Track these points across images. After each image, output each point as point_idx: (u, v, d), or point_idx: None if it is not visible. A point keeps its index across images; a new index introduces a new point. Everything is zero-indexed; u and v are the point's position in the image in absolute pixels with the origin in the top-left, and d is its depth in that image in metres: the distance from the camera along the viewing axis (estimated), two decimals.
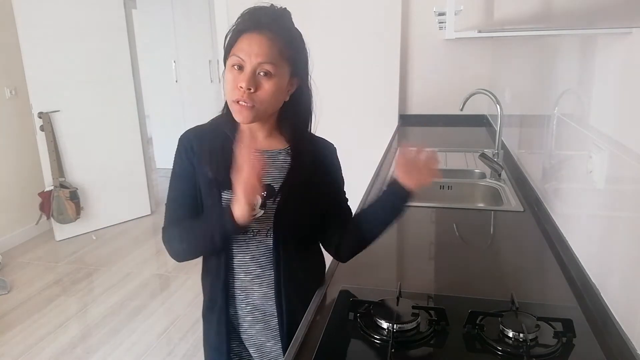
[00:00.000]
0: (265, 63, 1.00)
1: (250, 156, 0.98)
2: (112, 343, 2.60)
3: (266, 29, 1.01)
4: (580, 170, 1.23)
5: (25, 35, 3.56)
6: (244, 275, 1.16)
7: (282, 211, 1.10)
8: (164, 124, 6.14)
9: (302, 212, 1.13)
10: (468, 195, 2.08)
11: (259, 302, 1.17)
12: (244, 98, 1.00)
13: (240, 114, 1.02)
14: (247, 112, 1.02)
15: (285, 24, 1.05)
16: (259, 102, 1.01)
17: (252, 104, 1.01)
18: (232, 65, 1.01)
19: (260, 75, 1.00)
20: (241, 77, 1.00)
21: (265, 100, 1.02)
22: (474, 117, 3.41)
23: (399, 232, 1.66)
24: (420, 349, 0.95)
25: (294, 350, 0.95)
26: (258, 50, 0.99)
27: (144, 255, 3.72)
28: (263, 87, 1.01)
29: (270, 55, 1.00)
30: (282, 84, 1.04)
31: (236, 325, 1.22)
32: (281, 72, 1.02)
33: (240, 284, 1.17)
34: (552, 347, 0.91)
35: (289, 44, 1.04)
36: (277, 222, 1.10)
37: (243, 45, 1.00)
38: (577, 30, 1.16)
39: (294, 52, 1.05)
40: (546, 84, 1.72)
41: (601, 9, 0.98)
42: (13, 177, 3.92)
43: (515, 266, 1.34)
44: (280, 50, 1.01)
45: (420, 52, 3.64)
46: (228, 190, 1.07)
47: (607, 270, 1.05)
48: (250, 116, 1.03)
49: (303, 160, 1.12)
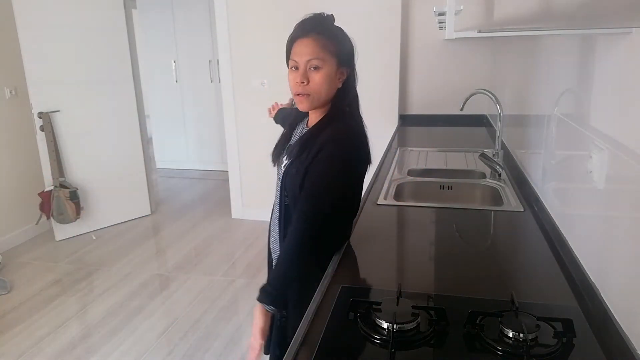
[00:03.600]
0: (313, 59, 1.24)
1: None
2: (112, 343, 2.60)
3: (311, 32, 1.25)
4: (580, 170, 1.23)
5: (25, 35, 3.56)
6: (273, 213, 1.44)
7: (285, 172, 1.33)
8: (164, 124, 6.15)
9: (292, 183, 1.29)
10: (468, 195, 2.08)
11: (275, 246, 1.43)
12: (300, 90, 1.26)
13: (301, 103, 1.30)
14: (305, 101, 1.28)
15: (326, 25, 1.28)
16: (313, 92, 1.26)
17: (307, 94, 1.26)
18: (291, 67, 1.28)
19: (310, 70, 1.25)
20: (297, 74, 1.26)
21: (316, 89, 1.26)
22: (474, 117, 3.41)
23: (399, 232, 1.66)
24: (420, 349, 0.95)
25: (294, 350, 0.95)
26: (305, 51, 1.24)
27: (144, 255, 3.72)
28: (314, 79, 1.26)
29: (315, 52, 1.24)
30: (331, 74, 1.27)
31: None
32: (328, 65, 1.25)
33: (272, 222, 1.44)
34: (552, 347, 0.91)
35: (331, 41, 1.26)
36: (283, 181, 1.34)
37: (295, 50, 1.26)
38: (577, 30, 1.16)
39: (336, 46, 1.26)
40: (546, 84, 1.72)
41: (601, 9, 0.98)
42: (13, 177, 3.92)
43: (515, 266, 1.34)
44: (323, 46, 1.24)
45: (420, 52, 3.64)
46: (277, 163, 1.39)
47: (607, 270, 1.05)
48: (307, 104, 1.29)
49: (307, 138, 1.30)
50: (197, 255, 3.69)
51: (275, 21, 3.77)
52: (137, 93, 4.34)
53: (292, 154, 1.32)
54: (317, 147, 1.24)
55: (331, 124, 1.29)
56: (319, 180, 1.23)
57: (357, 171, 1.33)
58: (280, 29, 1.29)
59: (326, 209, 1.23)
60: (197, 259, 3.63)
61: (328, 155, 1.23)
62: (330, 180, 1.24)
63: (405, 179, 2.11)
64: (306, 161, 1.25)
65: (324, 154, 1.23)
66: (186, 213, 4.64)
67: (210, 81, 5.79)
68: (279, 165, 1.40)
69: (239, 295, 3.06)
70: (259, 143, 4.11)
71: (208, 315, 2.83)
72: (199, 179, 5.81)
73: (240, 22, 3.92)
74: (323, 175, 1.23)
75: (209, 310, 2.88)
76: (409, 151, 2.68)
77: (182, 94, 5.97)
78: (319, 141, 1.26)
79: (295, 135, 1.41)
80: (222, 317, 2.81)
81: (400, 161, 2.46)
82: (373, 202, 1.81)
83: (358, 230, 1.53)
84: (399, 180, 2.08)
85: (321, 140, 1.25)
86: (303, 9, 1.36)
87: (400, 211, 1.78)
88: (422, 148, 2.73)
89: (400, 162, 2.45)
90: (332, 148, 1.24)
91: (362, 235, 1.50)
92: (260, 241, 3.84)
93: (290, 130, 1.43)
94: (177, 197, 5.16)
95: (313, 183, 1.23)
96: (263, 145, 4.28)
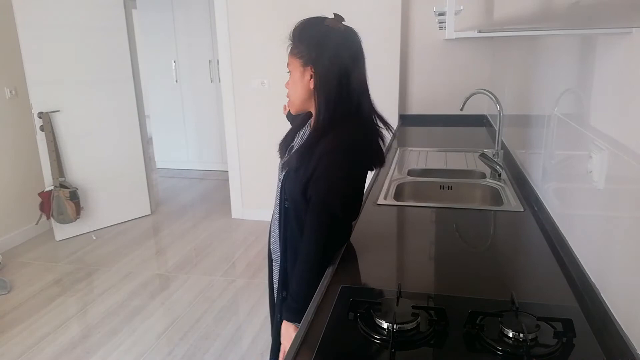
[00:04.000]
0: (288, 64, 1.30)
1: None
2: (112, 343, 2.60)
3: (292, 40, 1.28)
4: (580, 170, 1.23)
5: (25, 35, 3.56)
6: (273, 214, 1.45)
7: (285, 178, 1.34)
8: (164, 124, 6.15)
9: (292, 189, 1.31)
10: (468, 195, 2.08)
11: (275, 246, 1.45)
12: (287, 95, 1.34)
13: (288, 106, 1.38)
14: (289, 105, 1.36)
15: (300, 29, 1.27)
16: (289, 96, 1.34)
17: (288, 97, 1.34)
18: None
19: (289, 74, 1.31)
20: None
21: (290, 93, 1.33)
22: (474, 117, 3.41)
23: (399, 232, 1.66)
24: (420, 349, 0.95)
25: (294, 350, 0.95)
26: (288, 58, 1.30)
27: (144, 255, 3.72)
28: (288, 83, 1.32)
29: (288, 58, 1.29)
30: (296, 77, 1.29)
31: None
32: (293, 68, 1.28)
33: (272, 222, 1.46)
34: (552, 347, 0.91)
35: (295, 44, 1.27)
36: (283, 184, 1.35)
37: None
38: (577, 30, 1.16)
39: (298, 48, 1.26)
40: (546, 84, 1.72)
41: (601, 9, 0.98)
42: (13, 177, 3.92)
43: (515, 266, 1.34)
44: (291, 51, 1.28)
45: (420, 52, 3.64)
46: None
47: (607, 270, 1.05)
48: (290, 108, 1.36)
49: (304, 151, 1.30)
50: (197, 255, 3.69)
51: (275, 21, 3.77)
52: (137, 93, 4.34)
53: (290, 163, 1.32)
54: (315, 158, 1.24)
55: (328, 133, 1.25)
56: (326, 191, 1.24)
57: (357, 174, 1.32)
58: (280, 29, 1.29)
59: (340, 215, 1.27)
60: (197, 259, 3.63)
61: (329, 164, 1.23)
62: (336, 188, 1.25)
63: (405, 179, 2.11)
64: (305, 171, 1.25)
65: (325, 163, 1.23)
66: (186, 213, 4.64)
67: (210, 81, 5.79)
68: (281, 164, 1.41)
69: (239, 295, 3.06)
70: (259, 143, 4.11)
71: (208, 315, 2.83)
72: (199, 179, 5.81)
73: (240, 22, 3.92)
74: (329, 187, 1.24)
75: (209, 310, 2.88)
76: (409, 151, 2.68)
77: (182, 94, 5.97)
78: (317, 151, 1.24)
79: (298, 138, 1.42)
80: (222, 317, 2.81)
81: (400, 161, 2.46)
82: (373, 202, 1.81)
83: (358, 230, 1.53)
84: (399, 180, 2.08)
85: (319, 150, 1.24)
86: (303, 9, 1.37)
87: (400, 211, 1.78)
88: (422, 148, 2.73)
89: (400, 162, 2.45)
90: (331, 158, 1.23)
91: (362, 235, 1.50)
92: (260, 241, 3.84)
93: (296, 128, 1.45)
94: (177, 197, 5.16)
95: (322, 195, 1.24)
96: (263, 145, 4.30)
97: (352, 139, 1.26)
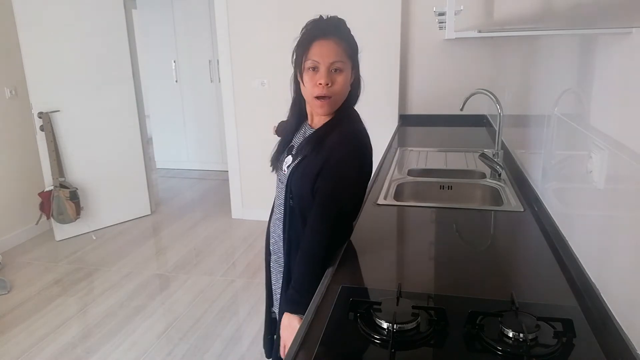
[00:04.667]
0: (337, 62, 1.24)
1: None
2: (112, 343, 2.60)
3: (332, 35, 1.25)
4: (580, 170, 1.23)
5: (25, 35, 3.56)
6: (274, 216, 1.44)
7: (291, 175, 1.32)
8: (164, 124, 6.15)
9: (300, 184, 1.29)
10: (468, 195, 2.08)
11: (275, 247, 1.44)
12: (324, 92, 1.24)
13: (322, 107, 1.27)
14: (326, 104, 1.26)
15: (344, 29, 1.29)
16: (335, 94, 1.25)
17: (329, 96, 1.25)
18: (308, 68, 1.25)
19: (332, 72, 1.24)
20: (318, 75, 1.24)
21: (339, 91, 1.26)
22: (474, 117, 3.41)
23: (399, 232, 1.66)
24: (420, 349, 0.95)
25: (294, 350, 0.95)
26: (329, 52, 1.23)
27: (144, 255, 3.72)
28: (337, 81, 1.25)
29: (339, 54, 1.24)
30: (348, 77, 1.28)
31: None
32: (347, 67, 1.27)
33: (271, 224, 1.46)
34: (552, 347, 0.91)
35: (349, 45, 1.28)
36: (288, 182, 1.32)
37: (316, 50, 1.23)
38: (577, 30, 1.16)
39: (352, 51, 1.29)
40: (546, 84, 1.72)
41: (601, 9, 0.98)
42: (13, 177, 3.91)
43: (515, 266, 1.34)
44: (344, 50, 1.25)
45: (420, 52, 3.64)
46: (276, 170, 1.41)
47: (607, 270, 1.05)
48: (328, 107, 1.27)
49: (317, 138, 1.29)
50: (197, 255, 3.69)
51: (275, 21, 3.77)
52: (137, 93, 4.34)
53: (301, 151, 1.31)
54: (327, 150, 1.24)
55: (340, 125, 1.29)
56: (337, 181, 1.24)
57: (366, 171, 1.33)
58: (280, 29, 1.29)
59: (347, 210, 1.29)
60: (197, 259, 3.63)
61: (341, 157, 1.24)
62: (347, 181, 1.25)
63: (405, 179, 2.11)
64: (316, 163, 1.25)
65: (337, 156, 1.24)
66: (186, 213, 4.64)
67: (210, 81, 5.79)
68: (279, 168, 1.40)
69: (239, 295, 3.06)
70: (259, 143, 4.11)
71: (208, 315, 2.83)
72: (199, 179, 5.81)
73: (240, 23, 3.92)
74: (341, 177, 1.24)
75: (209, 310, 2.88)
76: (409, 151, 2.68)
77: (182, 94, 5.97)
78: (328, 142, 1.25)
79: (298, 138, 1.40)
80: (222, 317, 2.81)
81: (400, 161, 2.46)
82: (373, 202, 1.81)
83: (358, 230, 1.53)
84: (399, 180, 2.08)
85: (331, 142, 1.25)
86: (303, 9, 1.37)
87: (400, 211, 1.78)
88: (422, 148, 2.73)
89: (400, 162, 2.45)
90: (344, 150, 1.24)
91: (362, 235, 1.50)
92: (260, 241, 3.83)
93: (289, 136, 1.42)
94: (177, 197, 5.16)
95: (332, 186, 1.24)
96: (263, 145, 4.28)
97: (364, 132, 1.32)
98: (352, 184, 1.28)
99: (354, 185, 1.29)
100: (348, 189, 1.27)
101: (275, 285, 1.51)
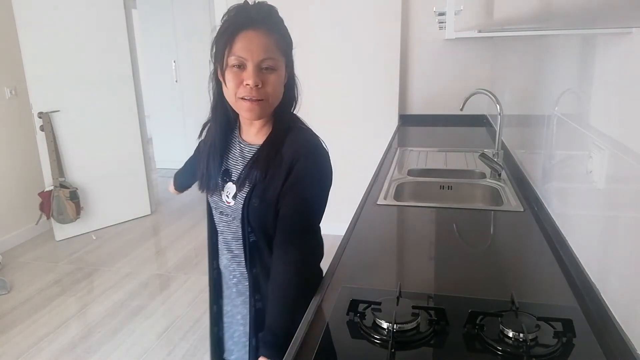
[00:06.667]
0: (268, 59, 1.02)
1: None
2: (112, 343, 2.60)
3: (261, 25, 1.02)
4: (580, 170, 1.23)
5: (25, 35, 3.56)
6: (227, 252, 1.22)
7: (245, 208, 1.11)
8: (164, 124, 6.15)
9: (263, 214, 1.09)
10: (468, 195, 2.07)
11: (241, 287, 1.23)
12: (253, 94, 1.02)
13: (251, 110, 1.04)
14: (258, 107, 1.04)
15: (276, 18, 1.07)
16: (267, 96, 1.04)
17: (261, 99, 1.03)
18: (231, 65, 1.02)
19: (262, 71, 1.03)
20: (245, 74, 1.02)
21: (272, 93, 1.05)
22: (474, 117, 3.41)
23: (399, 232, 1.66)
24: (420, 349, 0.95)
25: (294, 350, 0.95)
26: (257, 47, 1.01)
27: (144, 255, 3.72)
28: (269, 82, 1.03)
29: (270, 50, 1.02)
30: (282, 76, 1.07)
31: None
32: (280, 65, 1.05)
33: (223, 261, 1.26)
34: (552, 347, 0.91)
35: (282, 38, 1.07)
36: (244, 217, 1.11)
37: (242, 44, 1.01)
38: (577, 30, 1.16)
39: (286, 45, 1.08)
40: (546, 84, 1.72)
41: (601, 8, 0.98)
42: (13, 177, 3.92)
43: (515, 266, 1.34)
44: (276, 44, 1.04)
45: (420, 52, 3.64)
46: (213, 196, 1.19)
47: (607, 270, 1.05)
48: (260, 111, 1.06)
49: (262, 157, 1.09)
50: (197, 255, 3.68)
51: None
52: (137, 93, 4.34)
53: (249, 179, 1.09)
54: (285, 165, 1.06)
55: (287, 137, 1.09)
56: (306, 200, 1.08)
57: (330, 183, 1.15)
58: None
59: (317, 226, 1.13)
60: (197, 259, 3.63)
61: (306, 173, 1.07)
62: (316, 198, 1.10)
63: (405, 179, 2.11)
64: (275, 186, 1.07)
65: (301, 173, 1.06)
66: (186, 213, 4.64)
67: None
68: (218, 194, 1.17)
69: None
70: None
71: (208, 315, 2.82)
72: None
73: None
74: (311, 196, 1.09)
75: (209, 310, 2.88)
76: (409, 151, 2.68)
77: (182, 94, 5.97)
78: (285, 158, 1.06)
79: (232, 159, 1.17)
80: None
81: (400, 161, 2.46)
82: (373, 202, 1.81)
83: (358, 230, 1.53)
84: (399, 180, 2.08)
85: (288, 157, 1.06)
86: (302, 9, 1.36)
87: (400, 211, 1.78)
88: (422, 148, 2.73)
89: (400, 162, 2.45)
90: (308, 165, 1.07)
91: (362, 235, 1.50)
92: None
93: (217, 154, 1.18)
94: (177, 197, 5.15)
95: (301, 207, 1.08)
96: None
97: (315, 135, 1.13)
98: (322, 200, 1.11)
99: (323, 201, 1.12)
100: (318, 205, 1.11)
101: (227, 333, 1.39)
